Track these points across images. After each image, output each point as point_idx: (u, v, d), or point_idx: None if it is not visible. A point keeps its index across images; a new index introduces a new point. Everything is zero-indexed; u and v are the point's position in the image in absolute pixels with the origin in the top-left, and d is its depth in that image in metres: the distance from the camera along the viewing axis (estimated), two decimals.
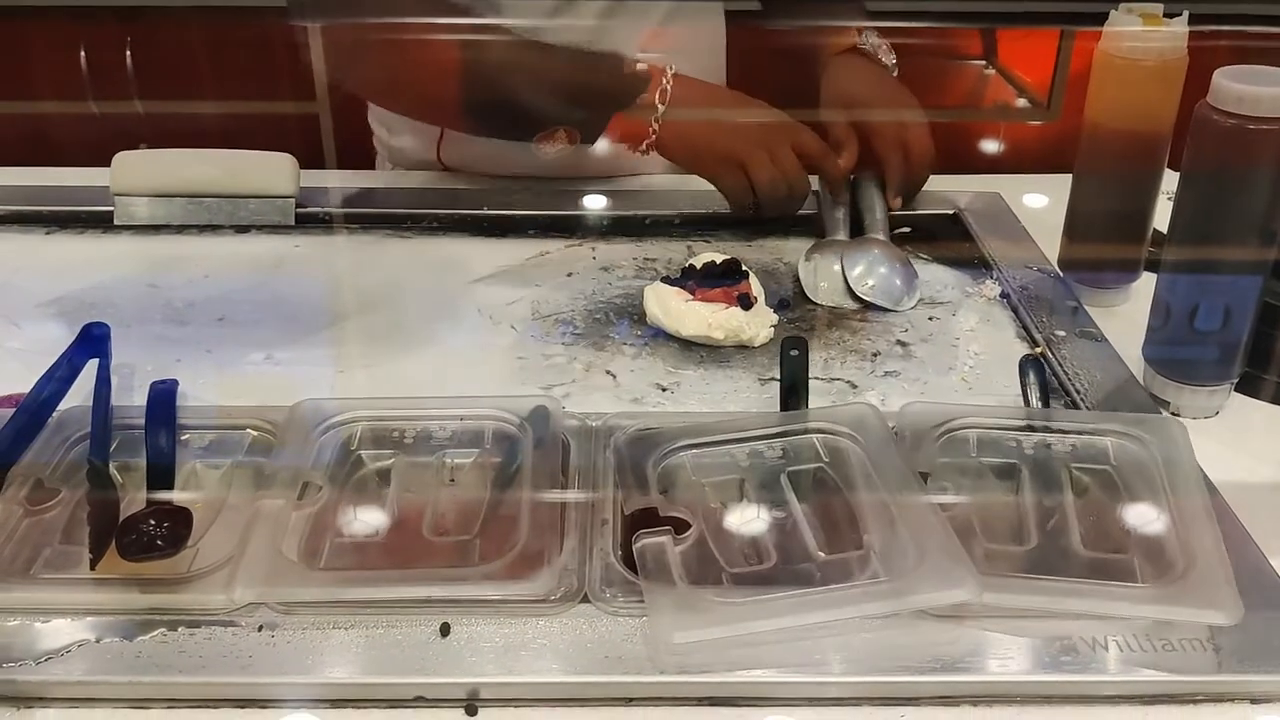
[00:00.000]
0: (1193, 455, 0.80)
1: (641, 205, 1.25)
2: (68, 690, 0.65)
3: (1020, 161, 1.37)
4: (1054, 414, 0.86)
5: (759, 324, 1.01)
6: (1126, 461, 0.81)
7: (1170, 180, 0.94)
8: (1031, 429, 0.84)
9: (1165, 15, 0.96)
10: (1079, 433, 0.83)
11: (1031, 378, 0.89)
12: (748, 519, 0.76)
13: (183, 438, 0.84)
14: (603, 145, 1.17)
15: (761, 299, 1.04)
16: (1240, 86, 0.83)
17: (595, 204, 1.27)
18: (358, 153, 1.47)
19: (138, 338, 1.00)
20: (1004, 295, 1.10)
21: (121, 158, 1.21)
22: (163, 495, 0.78)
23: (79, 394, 0.87)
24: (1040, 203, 1.28)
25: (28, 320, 1.04)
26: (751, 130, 1.16)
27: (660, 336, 1.02)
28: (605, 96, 1.16)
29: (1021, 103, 2.37)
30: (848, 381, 0.96)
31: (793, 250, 1.17)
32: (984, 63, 2.49)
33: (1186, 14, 0.94)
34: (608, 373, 0.97)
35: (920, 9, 1.26)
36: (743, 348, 1.00)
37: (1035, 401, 0.87)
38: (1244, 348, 0.90)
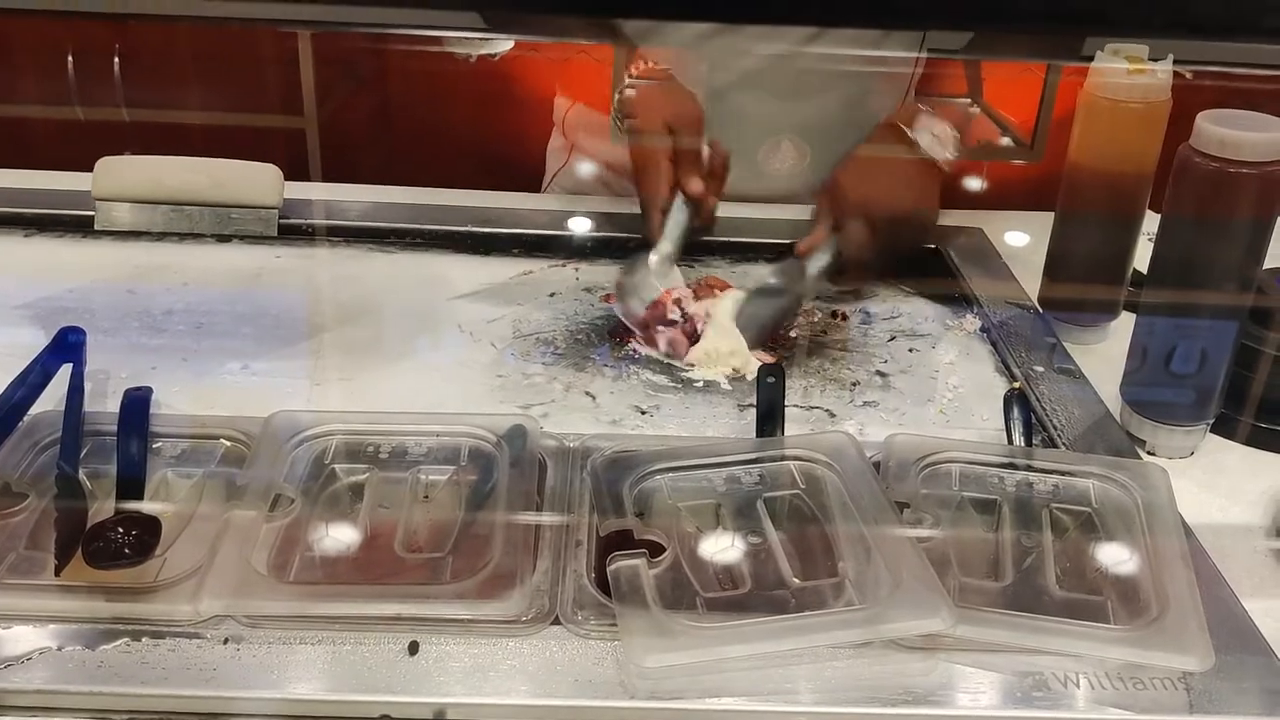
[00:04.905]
0: (1173, 502, 0.80)
1: (625, 227, 1.25)
2: (27, 699, 0.64)
3: (1002, 199, 1.38)
4: (1038, 453, 0.87)
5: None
6: (1108, 505, 0.81)
7: (1152, 222, 0.94)
8: (1014, 466, 0.84)
9: (1150, 58, 0.97)
10: (1062, 473, 0.84)
11: (1016, 413, 0.89)
12: (723, 544, 0.76)
13: (155, 446, 0.83)
14: None
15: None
16: (1223, 130, 0.83)
17: (579, 225, 1.27)
18: (342, 166, 1.47)
19: (114, 344, 0.99)
20: (984, 330, 1.10)
21: (105, 162, 1.20)
22: (132, 504, 0.77)
23: (51, 399, 0.86)
24: (1022, 240, 1.28)
25: (2, 323, 1.03)
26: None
27: (641, 360, 1.02)
28: None
29: (1005, 142, 2.39)
30: (826, 410, 0.96)
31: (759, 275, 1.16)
32: (969, 101, 2.51)
33: (1171, 57, 0.95)
34: (587, 394, 0.96)
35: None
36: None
37: (1019, 437, 0.87)
38: (1220, 389, 0.90)
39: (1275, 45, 0.62)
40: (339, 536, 0.76)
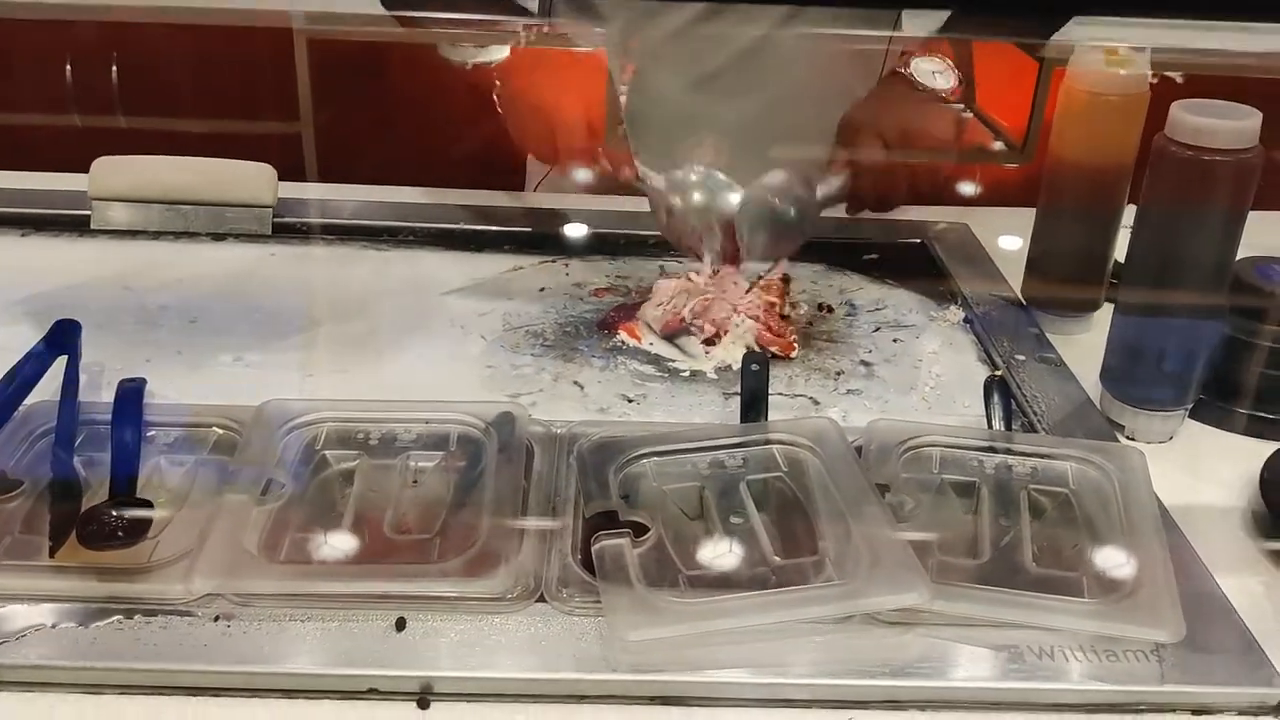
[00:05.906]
0: (1149, 483, 0.81)
1: (616, 224, 1.26)
2: (21, 674, 0.65)
3: (988, 195, 1.39)
4: (1018, 437, 0.88)
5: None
6: (1085, 486, 0.83)
7: (1132, 215, 0.96)
8: (994, 450, 0.85)
9: (1128, 50, 0.99)
10: (1040, 456, 0.85)
11: (996, 399, 0.90)
12: (706, 524, 0.77)
13: (149, 434, 0.84)
14: None
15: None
16: (1197, 119, 0.85)
17: (570, 223, 1.28)
18: (337, 173, 1.48)
19: (109, 338, 1.01)
20: (967, 321, 1.12)
21: (101, 162, 1.22)
22: (126, 488, 0.78)
23: (47, 390, 0.87)
24: (1008, 235, 1.30)
25: None
26: None
27: (629, 349, 1.03)
28: None
29: (997, 145, 2.41)
30: (810, 398, 0.97)
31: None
32: (962, 105, 2.53)
33: (1149, 49, 0.96)
34: (575, 383, 0.98)
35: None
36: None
37: (998, 422, 0.89)
38: (1198, 376, 0.92)
39: (1248, 33, 0.64)
40: (329, 519, 0.77)
